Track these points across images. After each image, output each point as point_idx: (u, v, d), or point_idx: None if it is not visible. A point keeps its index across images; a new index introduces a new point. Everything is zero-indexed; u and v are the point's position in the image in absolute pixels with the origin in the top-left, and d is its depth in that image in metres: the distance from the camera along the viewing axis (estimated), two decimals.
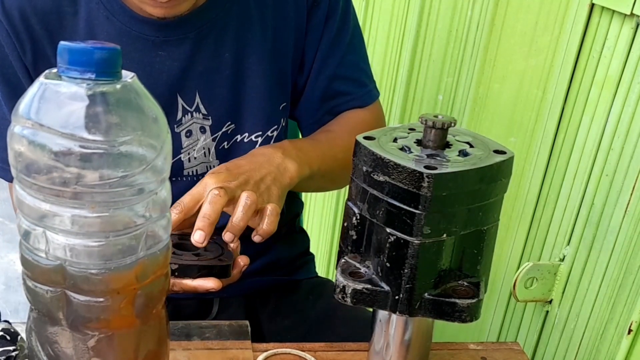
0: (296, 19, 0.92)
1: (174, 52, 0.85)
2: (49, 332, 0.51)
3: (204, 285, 0.75)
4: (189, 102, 0.88)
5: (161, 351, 0.56)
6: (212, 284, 0.75)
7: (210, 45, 0.87)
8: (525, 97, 1.00)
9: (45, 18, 0.82)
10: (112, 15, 0.83)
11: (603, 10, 0.85)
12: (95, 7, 0.83)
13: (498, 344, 0.80)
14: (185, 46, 0.86)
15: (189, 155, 0.90)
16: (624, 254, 0.82)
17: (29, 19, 0.81)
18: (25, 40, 0.82)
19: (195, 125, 0.89)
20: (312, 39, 0.94)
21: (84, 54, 0.46)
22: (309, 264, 1.11)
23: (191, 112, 0.88)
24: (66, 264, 0.48)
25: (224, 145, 0.91)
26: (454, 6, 1.19)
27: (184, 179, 0.91)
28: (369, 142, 0.58)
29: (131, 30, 0.84)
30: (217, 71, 0.88)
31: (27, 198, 0.47)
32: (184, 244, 0.80)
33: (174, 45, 0.85)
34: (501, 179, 0.58)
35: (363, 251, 0.61)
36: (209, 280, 0.75)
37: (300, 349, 0.75)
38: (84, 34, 0.83)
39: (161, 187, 0.50)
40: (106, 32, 0.83)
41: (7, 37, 0.81)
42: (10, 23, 0.81)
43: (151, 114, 0.48)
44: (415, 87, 1.34)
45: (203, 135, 0.89)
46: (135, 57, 0.84)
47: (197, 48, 0.86)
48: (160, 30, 0.84)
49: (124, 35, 0.83)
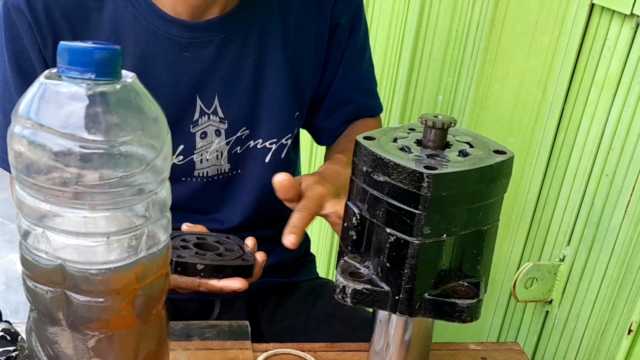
0: (317, 31, 0.94)
1: (198, 54, 0.85)
2: (49, 332, 0.51)
3: (230, 286, 0.75)
4: (207, 104, 0.88)
5: (161, 351, 0.56)
6: (239, 284, 0.75)
7: (234, 50, 0.87)
8: (525, 97, 1.00)
9: (70, 13, 0.81)
10: (139, 13, 0.83)
11: (603, 10, 0.85)
12: (122, 5, 0.82)
13: (498, 344, 0.80)
14: (210, 49, 0.86)
15: (202, 157, 0.90)
16: (624, 254, 0.82)
17: (53, 13, 0.81)
18: (48, 35, 0.81)
19: (211, 127, 0.89)
20: (335, 53, 0.97)
21: (84, 54, 0.46)
22: (310, 264, 1.11)
23: (208, 114, 0.88)
24: (66, 264, 0.48)
25: (236, 149, 0.92)
26: (454, 6, 1.19)
27: (193, 179, 0.91)
28: (369, 142, 0.58)
29: (158, 30, 0.83)
30: (238, 76, 0.88)
31: (27, 198, 0.47)
32: (204, 244, 0.80)
33: (199, 48, 0.85)
34: (501, 179, 0.58)
35: (363, 251, 0.61)
36: (235, 280, 0.75)
37: (300, 349, 0.75)
38: (108, 30, 0.82)
39: (161, 187, 0.50)
40: (132, 30, 0.83)
41: (29, 29, 0.81)
42: (33, 16, 0.80)
43: (151, 114, 0.48)
44: (415, 87, 1.34)
45: (217, 138, 0.90)
46: (159, 57, 0.84)
47: (221, 52, 0.86)
48: (187, 31, 0.84)
49: (150, 34, 0.83)
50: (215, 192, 0.93)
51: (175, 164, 0.89)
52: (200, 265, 0.74)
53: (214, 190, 0.93)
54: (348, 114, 1.03)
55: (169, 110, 0.85)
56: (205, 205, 0.93)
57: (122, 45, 0.82)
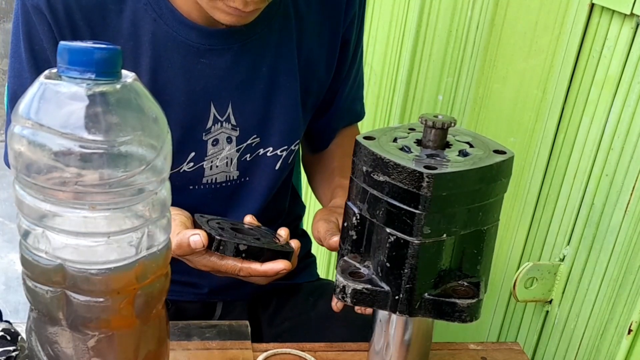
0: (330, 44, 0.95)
1: (215, 61, 0.85)
2: (49, 332, 0.51)
3: (274, 268, 0.74)
4: (221, 111, 0.88)
5: (161, 351, 0.56)
6: (283, 264, 0.74)
7: (250, 58, 0.87)
8: (525, 97, 1.00)
9: (89, 14, 0.81)
10: (159, 17, 0.82)
11: (603, 10, 0.85)
12: (143, 8, 0.82)
13: (498, 344, 0.80)
14: (227, 57, 0.85)
15: (212, 164, 0.90)
16: (624, 254, 0.82)
17: (73, 14, 0.80)
18: (67, 35, 0.81)
19: (223, 135, 0.89)
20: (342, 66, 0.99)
21: (84, 54, 0.46)
22: (311, 266, 1.11)
23: (221, 122, 0.88)
24: (66, 263, 0.48)
25: (246, 157, 0.92)
26: (454, 6, 1.19)
27: (202, 186, 0.91)
28: (369, 142, 0.58)
29: (177, 35, 0.83)
30: (252, 84, 0.88)
31: (27, 198, 0.47)
32: (240, 229, 0.79)
33: (217, 55, 0.85)
34: (501, 179, 0.58)
35: (363, 251, 0.61)
36: (279, 262, 0.74)
37: (300, 349, 0.75)
38: (127, 34, 0.82)
39: (161, 187, 0.50)
40: (151, 33, 0.82)
41: (49, 31, 0.80)
42: (53, 16, 0.79)
43: (151, 114, 0.48)
44: (415, 87, 1.34)
45: (229, 145, 0.89)
46: (176, 62, 0.84)
47: (237, 60, 0.86)
48: (206, 38, 0.84)
49: (169, 39, 0.83)
50: (222, 199, 0.93)
51: (185, 171, 0.88)
52: (242, 246, 0.73)
53: (221, 196, 0.93)
54: (345, 122, 1.06)
55: (184, 116, 0.86)
56: (212, 211, 0.93)
57: (140, 48, 0.82)
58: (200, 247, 0.72)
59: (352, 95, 1.05)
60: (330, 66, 0.97)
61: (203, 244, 0.72)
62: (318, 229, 0.81)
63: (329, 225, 0.80)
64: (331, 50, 0.96)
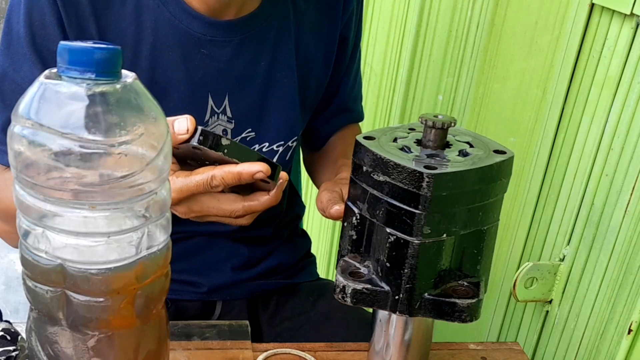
0: (328, 40, 0.95)
1: (216, 52, 0.85)
2: (49, 332, 0.51)
3: (250, 169, 0.65)
4: (218, 103, 0.88)
5: (161, 351, 0.56)
6: (260, 167, 0.65)
7: (250, 52, 0.87)
8: (525, 97, 1.00)
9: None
10: (163, 4, 0.82)
11: (603, 10, 0.85)
12: None
13: (498, 344, 0.80)
14: (228, 49, 0.86)
15: None
16: (624, 254, 0.82)
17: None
18: (71, 15, 0.80)
19: (219, 127, 0.89)
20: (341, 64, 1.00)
21: (84, 54, 0.46)
22: (311, 266, 1.11)
23: (218, 114, 0.88)
24: (66, 263, 0.48)
25: None
26: (454, 6, 1.19)
27: None
28: (369, 142, 0.58)
29: (180, 23, 0.83)
30: (250, 78, 0.89)
31: (27, 198, 0.47)
32: None
33: (218, 46, 0.85)
34: (501, 179, 0.58)
35: (363, 251, 0.61)
36: (256, 164, 0.65)
37: (300, 349, 0.75)
38: (130, 19, 0.82)
39: (161, 187, 0.50)
40: (154, 20, 0.82)
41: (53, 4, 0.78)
42: None
43: (151, 114, 0.48)
44: (415, 87, 1.34)
45: None
46: (177, 51, 0.84)
47: (237, 53, 0.86)
48: (209, 28, 0.84)
49: (171, 27, 0.83)
50: None
51: None
52: (225, 141, 0.65)
53: None
54: (344, 121, 1.06)
55: (183, 107, 0.85)
56: None
57: (141, 32, 0.82)
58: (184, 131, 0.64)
59: (353, 95, 1.06)
60: (328, 63, 0.97)
61: (187, 128, 0.64)
62: (321, 199, 0.78)
63: (332, 195, 0.77)
64: (329, 47, 0.96)
